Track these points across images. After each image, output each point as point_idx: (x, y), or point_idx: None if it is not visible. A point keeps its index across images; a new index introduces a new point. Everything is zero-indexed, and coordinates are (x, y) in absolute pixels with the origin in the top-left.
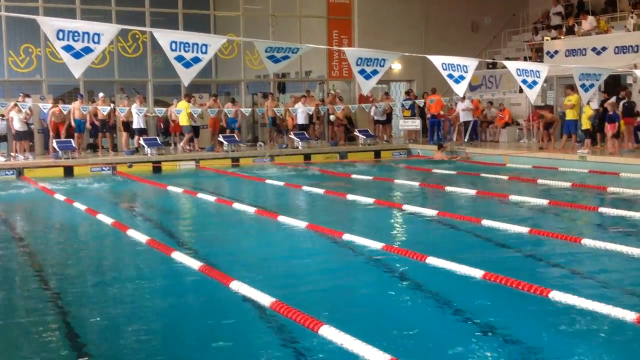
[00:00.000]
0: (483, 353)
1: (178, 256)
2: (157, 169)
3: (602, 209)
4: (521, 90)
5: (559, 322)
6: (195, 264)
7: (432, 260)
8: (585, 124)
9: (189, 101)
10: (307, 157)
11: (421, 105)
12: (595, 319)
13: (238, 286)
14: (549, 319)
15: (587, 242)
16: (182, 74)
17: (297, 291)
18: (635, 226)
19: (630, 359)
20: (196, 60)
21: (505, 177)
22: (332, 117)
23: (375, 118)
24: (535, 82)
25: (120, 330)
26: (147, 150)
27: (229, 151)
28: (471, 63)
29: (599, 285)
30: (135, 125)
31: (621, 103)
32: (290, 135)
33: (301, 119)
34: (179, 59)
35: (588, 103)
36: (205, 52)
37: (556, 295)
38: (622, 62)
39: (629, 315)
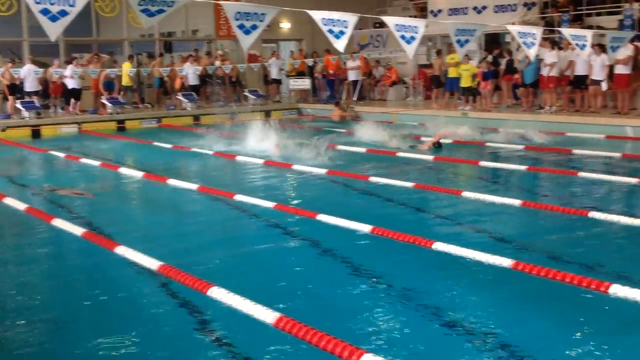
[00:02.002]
0: (373, 303)
1: (60, 223)
2: (36, 134)
3: (482, 163)
4: None
5: (443, 270)
6: (78, 231)
7: (322, 217)
8: (466, 82)
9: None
10: (196, 118)
11: (310, 65)
12: (475, 267)
13: (124, 251)
14: (433, 268)
15: (467, 194)
16: (47, 28)
17: (188, 254)
18: (511, 178)
19: (507, 303)
20: (63, 13)
21: (393, 134)
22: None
23: (273, 77)
24: (413, 38)
25: None
26: (25, 113)
27: (114, 113)
28: (351, 18)
29: (478, 234)
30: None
31: (504, 61)
32: (178, 97)
33: (191, 80)
34: (44, 12)
35: (469, 61)
36: (73, 5)
37: (439, 246)
38: (501, 21)
39: (505, 262)
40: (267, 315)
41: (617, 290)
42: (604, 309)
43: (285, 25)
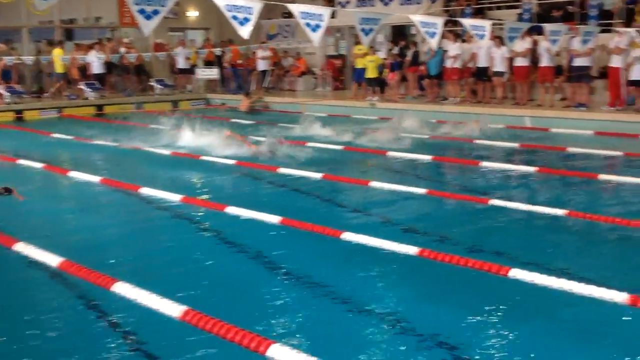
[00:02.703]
0: (282, 294)
1: None
2: None
3: (389, 153)
4: None
5: (352, 260)
6: None
7: (231, 210)
8: (372, 73)
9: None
10: (99, 108)
11: (218, 54)
12: (384, 256)
13: (23, 248)
14: (343, 258)
15: (374, 184)
16: None
17: (91, 249)
18: (417, 167)
19: (416, 290)
20: None
21: (303, 125)
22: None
23: (180, 67)
24: (318, 26)
25: None
26: None
27: (12, 103)
28: (255, 5)
29: (386, 223)
30: None
31: (410, 52)
32: (80, 86)
33: (96, 68)
34: None
35: (375, 52)
36: None
37: (348, 236)
38: (406, 13)
39: (411, 250)
40: (173, 309)
41: (517, 273)
42: (505, 293)
43: (193, 13)
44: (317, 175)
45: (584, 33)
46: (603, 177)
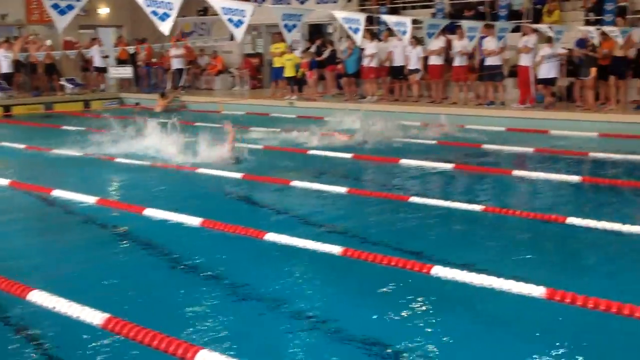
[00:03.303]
0: (206, 298)
1: None
2: None
3: (310, 152)
4: (232, 38)
5: (276, 261)
6: None
7: (150, 212)
8: (290, 71)
9: None
10: (6, 109)
11: (132, 52)
12: (307, 255)
13: None
14: (266, 258)
15: (295, 183)
16: None
17: (2, 256)
18: (337, 165)
19: (338, 288)
20: None
21: (221, 125)
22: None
23: (96, 65)
24: (241, 22)
25: None
26: None
27: None
28: (175, 0)
29: (309, 223)
30: None
31: (327, 51)
32: None
33: (4, 68)
34: None
35: (293, 51)
36: None
37: (271, 236)
38: (323, 11)
39: (335, 249)
40: (94, 316)
41: (438, 271)
42: (428, 290)
43: (104, 10)
44: (237, 175)
45: (498, 31)
46: (516, 172)
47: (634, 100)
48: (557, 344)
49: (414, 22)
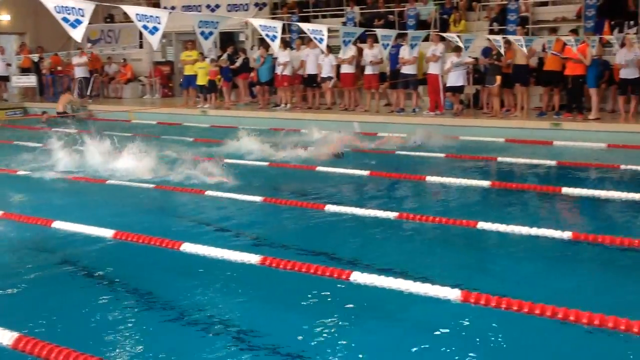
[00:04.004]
0: (119, 311)
1: None
2: None
3: (226, 160)
4: (142, 45)
5: (194, 271)
6: None
7: (58, 225)
8: (203, 79)
9: None
10: None
11: (35, 60)
12: (225, 265)
13: None
14: (183, 269)
15: (210, 193)
16: None
17: None
18: (254, 175)
19: (257, 298)
20: None
21: (130, 134)
22: None
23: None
24: (156, 28)
25: None
26: None
27: None
28: (87, 6)
29: (225, 232)
30: None
31: (239, 59)
32: None
33: None
34: None
35: (205, 59)
36: None
37: (188, 247)
38: (233, 20)
39: (253, 258)
40: (3, 336)
41: (357, 277)
42: (347, 296)
43: (5, 17)
44: (149, 186)
45: (412, 39)
46: (430, 178)
47: (537, 107)
48: (474, 345)
49: (328, 29)
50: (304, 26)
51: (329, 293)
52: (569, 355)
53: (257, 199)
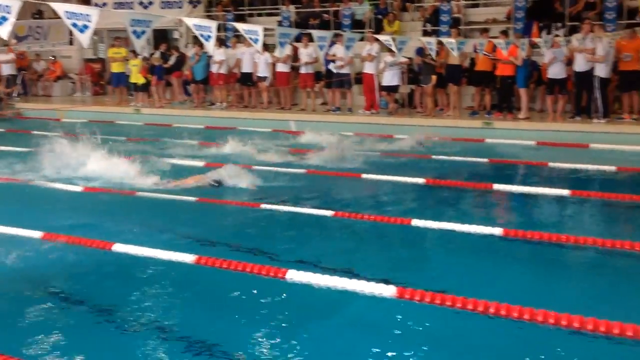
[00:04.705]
0: (49, 315)
1: None
2: None
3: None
4: (72, 42)
5: (126, 273)
6: None
7: None
8: (135, 77)
9: None
10: None
11: None
12: (158, 266)
13: None
14: (115, 271)
15: (140, 194)
16: None
17: None
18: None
19: (192, 298)
20: None
21: (60, 133)
22: None
23: None
24: (86, 26)
25: None
26: None
27: None
28: (14, 3)
29: (158, 233)
30: None
31: (173, 57)
32: None
33: None
34: None
35: (137, 56)
36: None
37: (120, 247)
38: (167, 17)
39: (188, 258)
40: None
41: (293, 275)
42: (283, 295)
43: None
44: (77, 189)
45: (347, 40)
46: (366, 176)
47: (469, 107)
48: (410, 340)
49: (264, 28)
50: (239, 26)
51: (265, 292)
52: (501, 348)
53: (192, 198)
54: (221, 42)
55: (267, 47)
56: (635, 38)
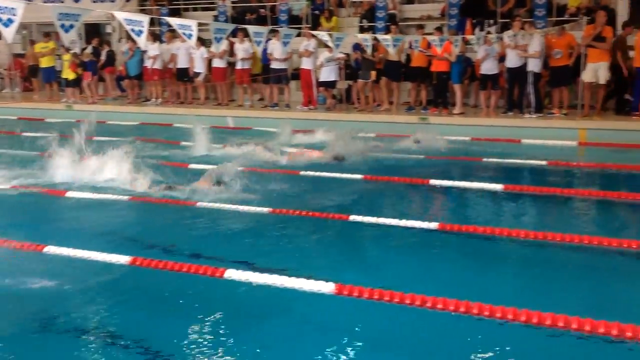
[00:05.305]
0: None
1: None
2: None
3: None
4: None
5: (59, 275)
6: None
7: None
8: (67, 73)
9: None
10: None
11: None
12: (92, 267)
13: None
14: (48, 273)
15: (72, 194)
16: None
17: None
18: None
19: (128, 300)
20: None
21: None
22: None
23: None
24: (11, 21)
25: None
26: None
27: None
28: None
29: (90, 233)
30: None
31: (105, 52)
32: None
33: None
34: None
35: (68, 51)
36: None
37: (52, 249)
38: (100, 10)
39: (123, 259)
40: None
41: (232, 274)
42: (222, 295)
43: None
44: (5, 186)
45: (284, 36)
46: (304, 172)
47: (405, 102)
48: (350, 336)
49: (199, 23)
50: (172, 21)
51: (203, 292)
52: (438, 342)
53: (125, 198)
54: (156, 37)
55: (204, 42)
56: (565, 35)
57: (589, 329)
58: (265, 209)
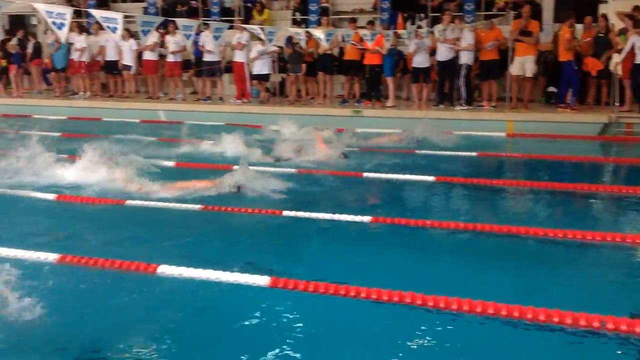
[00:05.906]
0: None
1: None
2: None
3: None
4: None
5: None
6: None
7: None
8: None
9: None
10: None
11: None
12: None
13: None
14: None
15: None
16: None
17: None
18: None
19: (56, 298)
20: None
21: None
22: None
23: None
24: None
25: None
26: None
27: None
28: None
29: (17, 232)
30: None
31: (30, 44)
32: None
33: None
34: None
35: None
36: None
37: None
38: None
39: (51, 257)
40: None
41: (165, 270)
42: (156, 290)
43: None
44: None
45: (215, 29)
46: (236, 167)
47: (339, 95)
48: (284, 329)
49: (126, 15)
50: (96, 13)
51: (136, 288)
52: (375, 332)
53: (51, 196)
54: (82, 29)
55: (133, 34)
56: (494, 29)
57: (518, 315)
58: (197, 206)
